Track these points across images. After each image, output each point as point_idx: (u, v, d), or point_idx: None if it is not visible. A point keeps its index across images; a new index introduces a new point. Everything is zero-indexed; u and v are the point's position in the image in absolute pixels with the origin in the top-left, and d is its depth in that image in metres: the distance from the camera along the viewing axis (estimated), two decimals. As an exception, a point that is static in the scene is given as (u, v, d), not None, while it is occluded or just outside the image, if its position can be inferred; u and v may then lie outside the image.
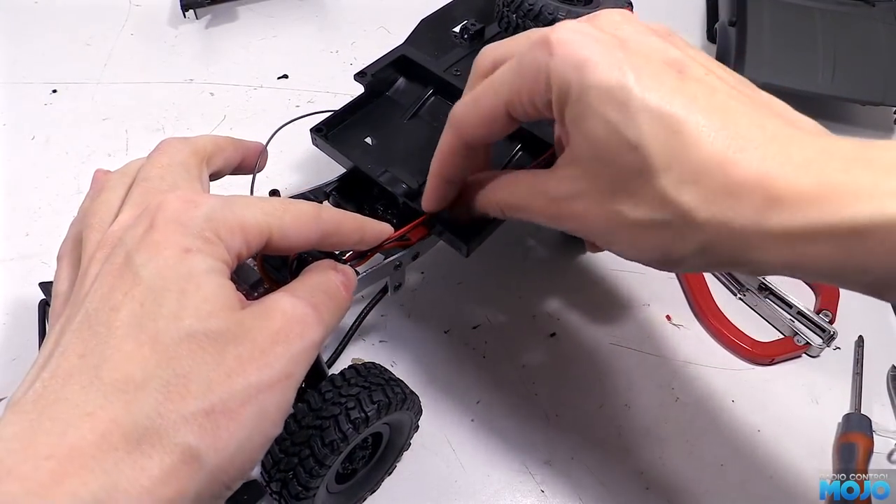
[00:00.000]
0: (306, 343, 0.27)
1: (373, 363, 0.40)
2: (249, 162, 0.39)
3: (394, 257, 0.41)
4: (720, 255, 0.26)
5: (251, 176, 0.41)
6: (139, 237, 0.25)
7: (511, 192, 0.33)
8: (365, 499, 0.44)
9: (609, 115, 0.26)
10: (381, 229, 0.36)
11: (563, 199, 0.30)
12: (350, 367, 0.39)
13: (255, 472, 0.43)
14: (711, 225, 0.25)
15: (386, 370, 0.40)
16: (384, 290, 0.44)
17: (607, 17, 0.29)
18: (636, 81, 0.25)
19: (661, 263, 0.29)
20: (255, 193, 0.41)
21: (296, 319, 0.27)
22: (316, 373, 0.39)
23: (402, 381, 0.40)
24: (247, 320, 0.25)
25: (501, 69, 0.30)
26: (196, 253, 0.25)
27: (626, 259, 0.30)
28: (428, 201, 0.38)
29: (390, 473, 0.45)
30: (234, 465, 0.24)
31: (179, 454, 0.22)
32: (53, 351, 0.24)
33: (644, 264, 0.30)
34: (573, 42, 0.27)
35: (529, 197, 0.32)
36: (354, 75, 0.49)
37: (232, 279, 0.34)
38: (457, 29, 0.54)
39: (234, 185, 0.41)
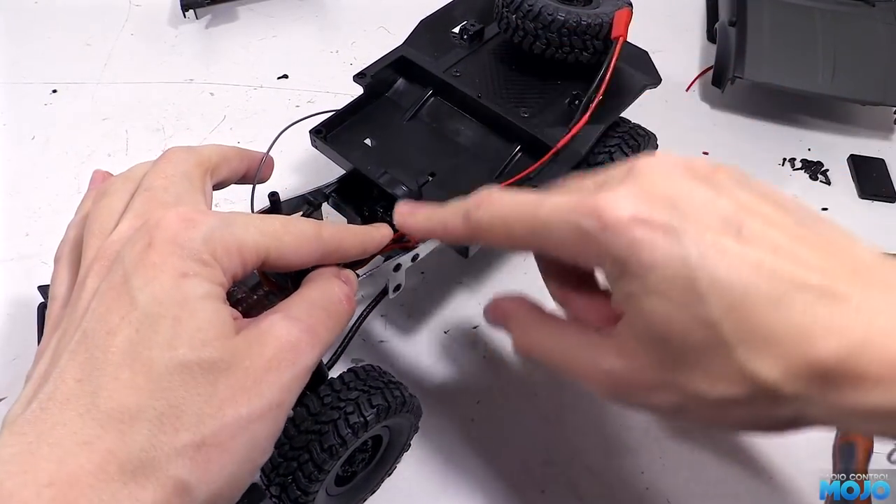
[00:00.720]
0: (298, 370, 0.27)
1: (372, 366, 0.40)
2: (255, 171, 0.39)
3: (393, 259, 0.41)
4: (816, 421, 0.25)
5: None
6: (137, 256, 0.25)
7: (555, 347, 0.30)
8: (365, 500, 0.44)
9: (674, 296, 0.24)
10: (383, 235, 0.36)
11: (620, 372, 0.27)
12: (349, 370, 0.39)
13: (255, 476, 0.43)
14: (800, 399, 0.23)
15: (385, 373, 0.40)
16: (384, 292, 0.44)
17: (657, 174, 0.26)
18: (699, 257, 0.24)
19: (750, 432, 0.28)
20: (255, 198, 0.41)
21: (289, 346, 0.26)
22: (316, 376, 0.39)
23: (401, 383, 0.40)
24: (240, 348, 0.25)
25: (548, 216, 0.28)
26: (193, 277, 0.25)
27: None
28: (407, 227, 0.35)
29: (390, 474, 0.45)
30: (223, 495, 0.24)
31: (172, 487, 0.22)
32: (51, 371, 0.24)
33: (727, 432, 0.27)
34: (627, 218, 0.25)
35: (578, 360, 0.29)
36: (354, 76, 0.49)
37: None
38: (456, 30, 0.54)
39: (235, 188, 0.41)
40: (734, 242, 0.24)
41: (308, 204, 0.46)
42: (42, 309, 0.41)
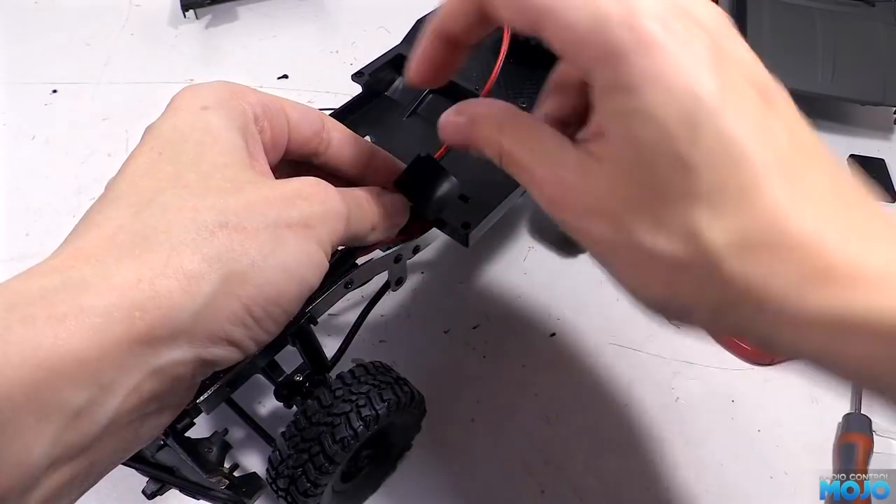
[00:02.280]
0: (328, 208, 0.26)
1: (380, 362, 0.41)
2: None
3: (393, 250, 0.41)
4: (736, 319, 0.22)
5: None
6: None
7: (524, 148, 0.26)
8: (367, 498, 0.44)
9: (670, 125, 0.21)
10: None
11: (580, 192, 0.24)
12: (359, 365, 0.39)
13: (261, 470, 0.43)
14: (738, 281, 0.21)
15: (392, 369, 0.41)
16: (386, 286, 0.44)
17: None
18: (718, 97, 0.20)
19: (661, 308, 0.24)
20: None
21: (321, 187, 0.26)
22: (319, 360, 0.39)
23: (408, 381, 0.40)
24: (265, 178, 0.26)
25: None
26: (213, 110, 0.26)
27: (621, 286, 0.25)
28: (416, 63, 0.29)
29: (391, 474, 0.45)
30: (249, 281, 0.23)
31: (189, 253, 0.22)
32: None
33: (638, 302, 0.25)
34: (651, 10, 0.21)
35: (543, 166, 0.25)
36: (352, 75, 0.49)
37: None
38: None
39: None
40: (759, 105, 0.21)
41: None
42: None
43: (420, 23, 0.55)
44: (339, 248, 0.38)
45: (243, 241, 0.23)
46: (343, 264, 0.38)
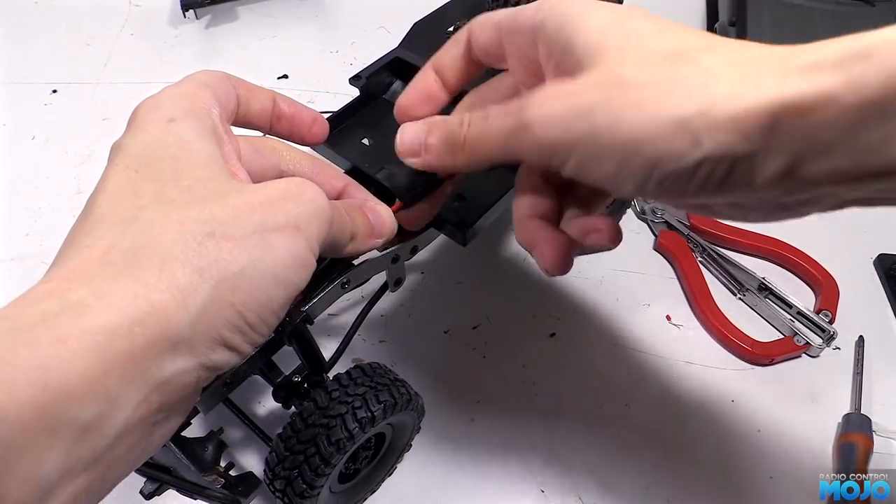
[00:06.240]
0: (316, 207, 0.26)
1: (378, 363, 0.41)
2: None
3: (391, 250, 0.41)
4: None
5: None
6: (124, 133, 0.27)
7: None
8: (366, 498, 0.44)
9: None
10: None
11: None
12: (356, 366, 0.39)
13: (258, 470, 0.43)
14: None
15: (390, 370, 0.40)
16: (384, 287, 0.44)
17: None
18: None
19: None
20: None
21: (308, 186, 0.26)
22: (317, 361, 0.39)
23: (406, 381, 0.40)
24: (249, 184, 0.26)
25: None
26: (180, 121, 0.26)
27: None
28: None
29: (391, 474, 0.45)
30: (241, 288, 0.23)
31: (180, 266, 0.22)
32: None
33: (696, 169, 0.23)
34: None
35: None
36: (349, 79, 0.49)
37: None
38: (451, 29, 0.55)
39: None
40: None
41: None
42: None
43: (417, 25, 0.55)
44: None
45: (232, 249, 0.23)
46: (340, 264, 0.38)
